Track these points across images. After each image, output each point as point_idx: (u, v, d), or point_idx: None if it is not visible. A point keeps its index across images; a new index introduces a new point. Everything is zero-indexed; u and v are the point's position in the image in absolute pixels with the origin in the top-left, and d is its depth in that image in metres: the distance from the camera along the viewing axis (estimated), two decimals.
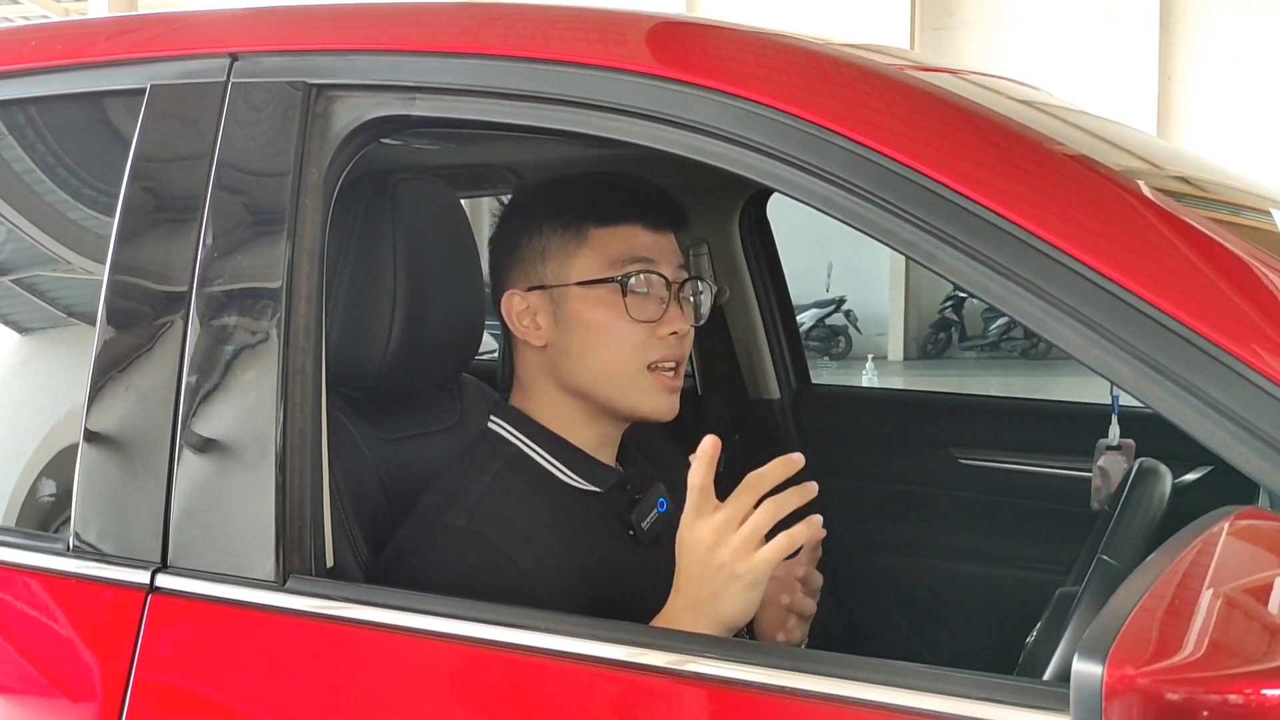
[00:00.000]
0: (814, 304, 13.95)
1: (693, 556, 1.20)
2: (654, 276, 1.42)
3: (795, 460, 1.17)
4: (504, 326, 1.48)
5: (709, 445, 1.20)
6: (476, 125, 1.26)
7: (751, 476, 1.18)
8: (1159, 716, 0.75)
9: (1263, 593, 0.82)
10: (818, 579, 1.47)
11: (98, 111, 1.43)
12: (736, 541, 1.17)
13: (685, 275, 1.47)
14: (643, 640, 1.07)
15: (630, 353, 1.41)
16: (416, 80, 1.22)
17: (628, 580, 1.41)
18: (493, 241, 1.52)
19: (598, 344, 1.42)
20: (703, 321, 1.50)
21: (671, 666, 1.04)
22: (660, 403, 1.43)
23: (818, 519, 1.19)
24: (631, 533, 1.45)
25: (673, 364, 1.43)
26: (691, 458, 1.21)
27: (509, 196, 2.06)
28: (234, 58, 1.29)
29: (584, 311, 1.42)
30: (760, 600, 1.20)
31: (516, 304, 1.45)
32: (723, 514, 1.18)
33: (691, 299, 1.48)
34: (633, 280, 1.40)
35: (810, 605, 1.46)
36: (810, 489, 1.17)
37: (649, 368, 1.42)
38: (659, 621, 1.23)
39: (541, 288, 1.44)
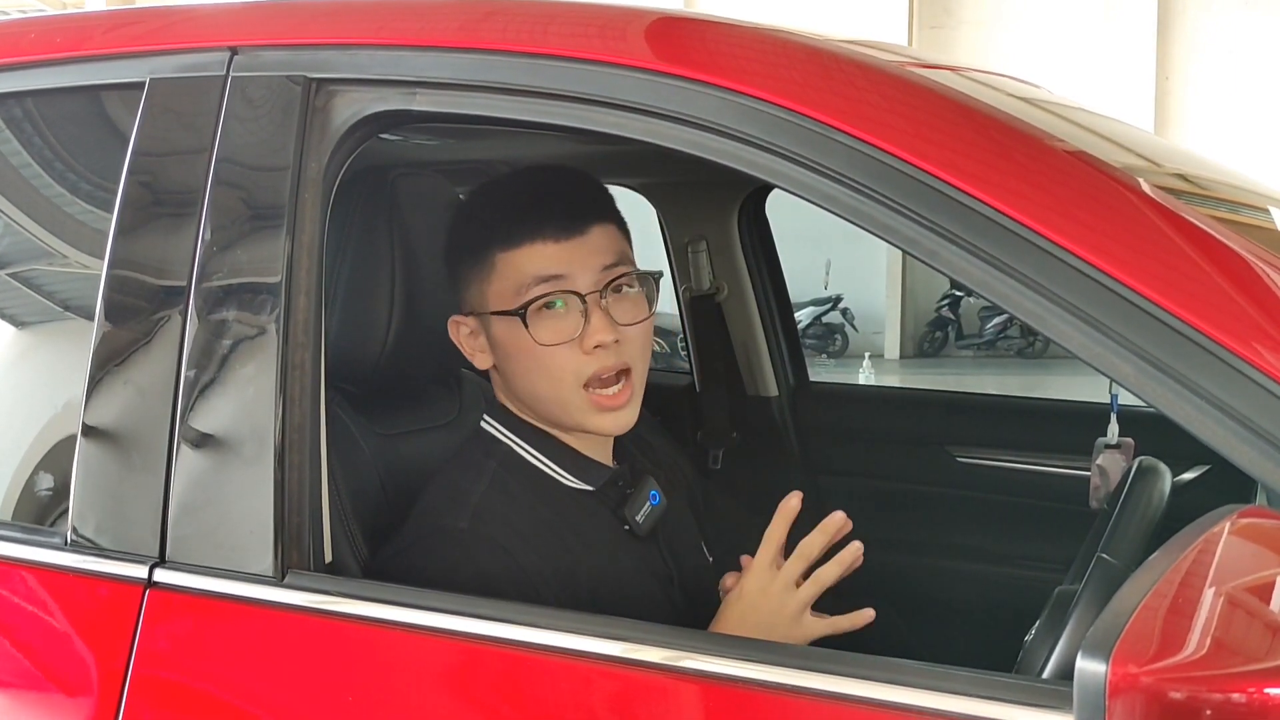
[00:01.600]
0: (811, 302, 13.93)
1: (753, 604, 1.29)
2: (560, 295, 1.35)
3: (838, 520, 1.29)
4: None
5: (794, 504, 1.30)
6: (476, 120, 1.25)
7: (804, 545, 1.28)
8: (1162, 715, 0.75)
9: (1265, 591, 0.82)
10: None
11: (96, 105, 1.42)
12: (791, 596, 1.29)
13: (616, 274, 1.38)
14: (639, 636, 1.07)
15: (561, 374, 1.37)
16: (417, 75, 1.22)
17: (624, 575, 1.41)
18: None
19: (528, 370, 1.38)
20: (652, 313, 1.43)
21: (668, 663, 1.04)
22: (602, 422, 1.39)
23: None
24: (627, 527, 1.45)
25: (610, 375, 1.37)
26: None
27: None
28: (233, 51, 1.28)
29: (507, 339, 1.39)
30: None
31: (462, 329, 1.44)
32: (782, 578, 1.29)
33: (631, 291, 1.40)
34: (532, 307, 1.35)
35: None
36: (856, 556, 1.29)
37: (585, 386, 1.37)
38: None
39: (473, 314, 1.42)
